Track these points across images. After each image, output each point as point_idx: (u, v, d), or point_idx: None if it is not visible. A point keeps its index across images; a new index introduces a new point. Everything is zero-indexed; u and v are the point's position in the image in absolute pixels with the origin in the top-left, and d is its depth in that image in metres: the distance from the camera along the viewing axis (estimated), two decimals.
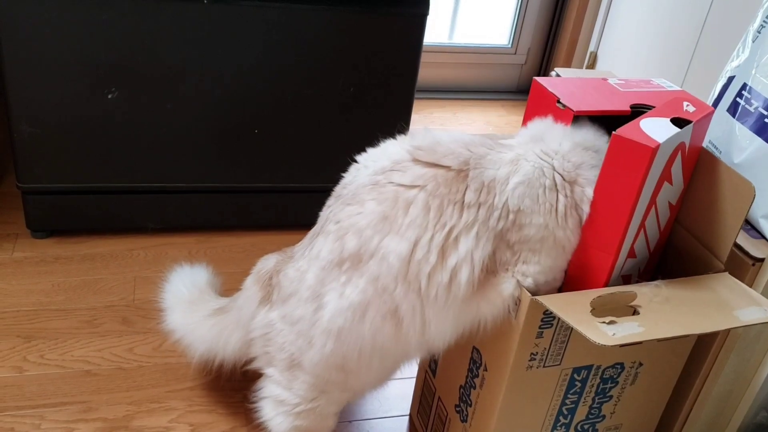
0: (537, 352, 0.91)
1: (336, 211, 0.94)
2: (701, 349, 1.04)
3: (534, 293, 0.86)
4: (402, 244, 0.86)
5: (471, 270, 0.86)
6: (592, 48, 2.30)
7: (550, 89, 0.96)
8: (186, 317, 1.15)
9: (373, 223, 0.88)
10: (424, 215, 0.86)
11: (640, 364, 1.00)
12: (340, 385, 0.98)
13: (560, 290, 0.93)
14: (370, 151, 0.98)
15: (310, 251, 0.96)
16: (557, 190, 0.87)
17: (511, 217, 0.86)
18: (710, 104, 1.09)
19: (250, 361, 1.05)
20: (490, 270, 0.88)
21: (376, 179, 0.90)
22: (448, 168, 0.87)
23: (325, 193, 1.60)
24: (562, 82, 0.99)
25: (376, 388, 1.08)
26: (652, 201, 0.89)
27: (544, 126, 0.94)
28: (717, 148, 1.06)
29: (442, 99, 2.42)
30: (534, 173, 0.87)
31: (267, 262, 1.04)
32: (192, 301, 1.17)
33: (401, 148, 0.92)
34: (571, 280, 0.92)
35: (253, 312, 1.02)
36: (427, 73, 2.40)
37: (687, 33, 1.82)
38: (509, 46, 2.47)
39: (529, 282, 0.88)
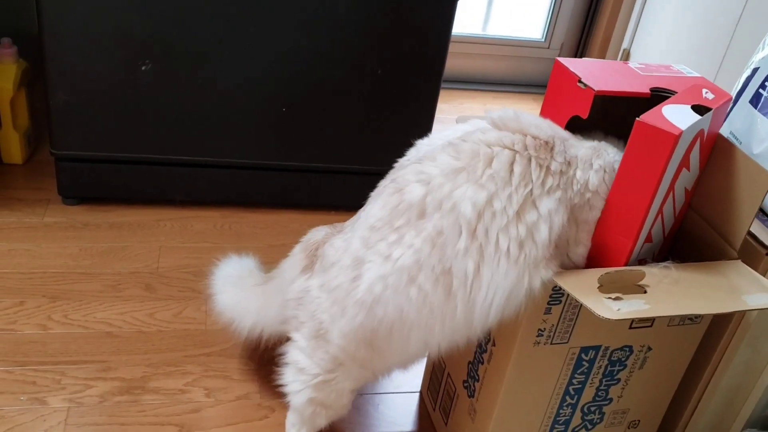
0: (545, 329, 0.92)
1: (393, 175, 0.92)
2: (712, 338, 1.04)
3: None
4: (480, 192, 0.83)
5: (549, 231, 0.84)
6: (625, 45, 2.29)
7: (571, 69, 0.97)
8: (234, 295, 1.18)
9: (447, 172, 0.85)
10: (507, 169, 0.84)
11: (649, 349, 1.00)
12: (361, 361, 0.97)
13: None
14: (434, 134, 0.96)
15: (358, 220, 0.95)
16: None
17: (588, 195, 0.87)
18: (734, 95, 1.09)
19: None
20: (555, 243, 0.87)
21: (451, 142, 0.89)
22: (535, 137, 0.87)
23: (349, 174, 1.64)
24: (584, 63, 0.99)
25: (398, 370, 1.06)
26: (671, 187, 0.90)
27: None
28: (738, 139, 1.05)
29: (472, 90, 2.43)
30: (615, 164, 0.88)
31: (317, 234, 1.04)
32: (240, 278, 1.20)
33: (475, 123, 0.92)
34: (590, 263, 0.92)
35: (294, 277, 1.03)
36: (458, 63, 2.41)
37: (721, 32, 1.80)
38: (543, 40, 2.47)
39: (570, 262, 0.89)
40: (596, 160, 0.88)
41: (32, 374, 1.18)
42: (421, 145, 0.96)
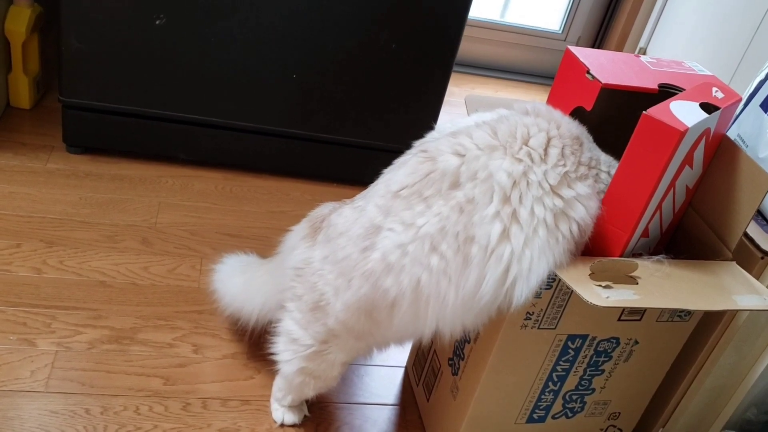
0: (533, 312, 0.92)
1: (419, 146, 0.91)
2: (699, 338, 1.04)
3: None
4: (516, 165, 0.84)
5: (586, 212, 0.85)
6: (642, 44, 2.28)
7: (581, 59, 0.97)
8: (240, 279, 1.17)
9: (484, 146, 0.85)
10: (543, 148, 0.85)
11: (636, 342, 1.01)
12: (358, 333, 0.96)
13: None
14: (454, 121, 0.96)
15: (373, 189, 0.93)
16: None
17: (599, 196, 0.89)
18: (745, 98, 1.09)
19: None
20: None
21: (486, 121, 0.89)
22: (567, 129, 0.89)
23: (354, 147, 1.64)
24: (594, 53, 0.99)
25: (397, 344, 1.05)
26: (672, 184, 0.90)
27: None
28: (744, 142, 1.05)
29: (484, 76, 2.42)
30: None
31: (323, 209, 1.02)
32: (244, 265, 1.20)
33: (501, 111, 0.93)
34: (585, 252, 0.92)
35: (294, 245, 1.02)
36: (473, 48, 2.40)
37: (739, 37, 1.79)
38: (560, 32, 2.46)
39: None
40: (612, 168, 0.91)
41: (23, 315, 1.18)
42: (443, 126, 0.95)
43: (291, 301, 1.01)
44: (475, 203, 0.83)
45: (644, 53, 2.25)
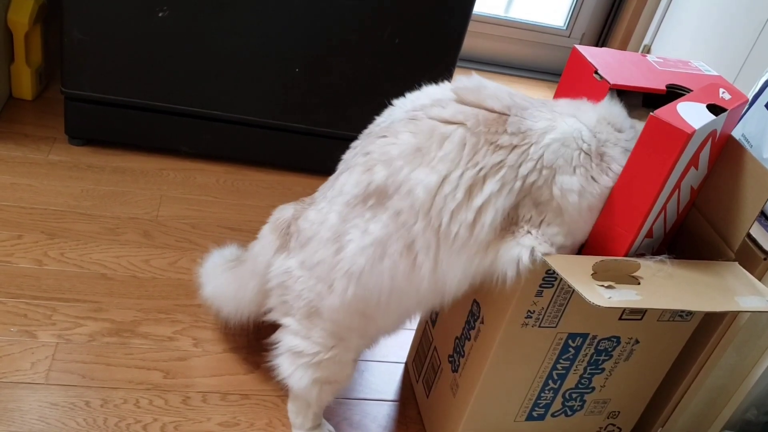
0: (534, 311, 0.92)
1: (365, 145, 0.93)
2: (700, 338, 1.04)
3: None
4: (431, 176, 0.86)
5: (495, 214, 0.85)
6: (646, 41, 2.27)
7: (588, 58, 0.96)
8: (214, 283, 1.16)
9: (405, 153, 0.87)
10: (458, 150, 0.85)
11: (637, 342, 1.01)
12: (359, 331, 0.97)
13: None
14: (408, 95, 0.97)
15: (331, 190, 0.95)
16: (591, 158, 0.87)
17: (545, 173, 0.85)
18: (750, 98, 1.08)
19: (268, 312, 1.04)
20: (513, 222, 0.88)
21: (414, 114, 0.90)
22: (490, 109, 0.87)
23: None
24: (602, 52, 0.99)
25: (390, 334, 1.06)
26: (677, 185, 0.89)
27: (576, 103, 0.93)
28: (749, 142, 1.05)
29: (487, 71, 2.41)
30: (572, 134, 0.86)
31: (284, 212, 1.03)
32: (222, 266, 1.18)
33: (443, 89, 0.92)
34: (589, 252, 0.92)
35: (269, 260, 1.01)
36: (476, 43, 2.39)
37: (744, 36, 1.79)
38: (564, 28, 2.45)
39: (546, 247, 0.87)
40: (549, 133, 0.86)
41: (24, 307, 1.18)
42: (395, 108, 0.96)
43: (285, 316, 1.01)
44: (404, 216, 0.87)
45: (649, 51, 2.24)
